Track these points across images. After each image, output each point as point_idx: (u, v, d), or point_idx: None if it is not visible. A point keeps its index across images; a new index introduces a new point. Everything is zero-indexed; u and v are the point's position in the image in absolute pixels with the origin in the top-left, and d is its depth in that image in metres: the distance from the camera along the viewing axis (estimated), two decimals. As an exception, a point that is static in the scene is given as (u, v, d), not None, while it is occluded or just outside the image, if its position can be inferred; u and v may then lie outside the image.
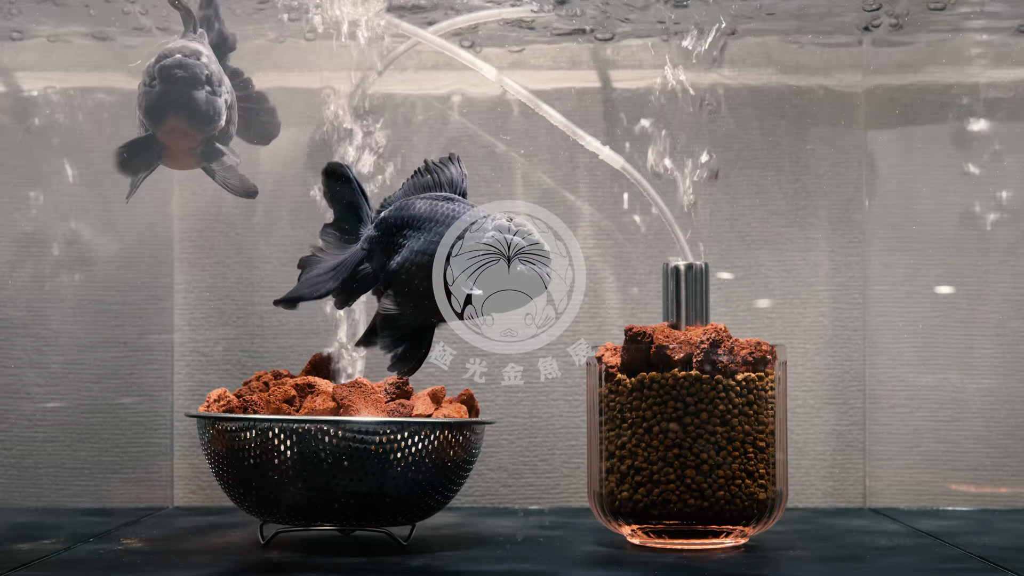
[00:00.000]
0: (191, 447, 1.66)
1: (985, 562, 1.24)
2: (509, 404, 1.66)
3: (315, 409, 1.27)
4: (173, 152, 1.36)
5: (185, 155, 1.37)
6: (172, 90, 1.30)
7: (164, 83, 1.30)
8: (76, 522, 1.50)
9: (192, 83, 1.30)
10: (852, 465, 1.66)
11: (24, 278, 1.63)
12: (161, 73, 1.30)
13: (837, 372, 1.66)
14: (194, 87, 1.30)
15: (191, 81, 1.30)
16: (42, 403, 1.62)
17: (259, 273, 1.67)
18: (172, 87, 1.30)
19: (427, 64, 1.67)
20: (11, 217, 1.63)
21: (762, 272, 1.67)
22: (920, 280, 1.67)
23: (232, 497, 1.31)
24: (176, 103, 1.30)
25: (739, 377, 1.29)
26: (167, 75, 1.30)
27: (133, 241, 1.66)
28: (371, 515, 1.27)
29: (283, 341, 1.66)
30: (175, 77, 1.30)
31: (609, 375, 1.32)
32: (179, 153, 1.37)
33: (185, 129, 1.32)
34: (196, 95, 1.30)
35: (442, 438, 1.27)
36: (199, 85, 1.30)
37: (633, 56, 1.67)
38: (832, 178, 1.67)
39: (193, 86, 1.30)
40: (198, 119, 1.31)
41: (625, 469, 1.30)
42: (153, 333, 1.66)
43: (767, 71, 1.68)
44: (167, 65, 1.30)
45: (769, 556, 1.28)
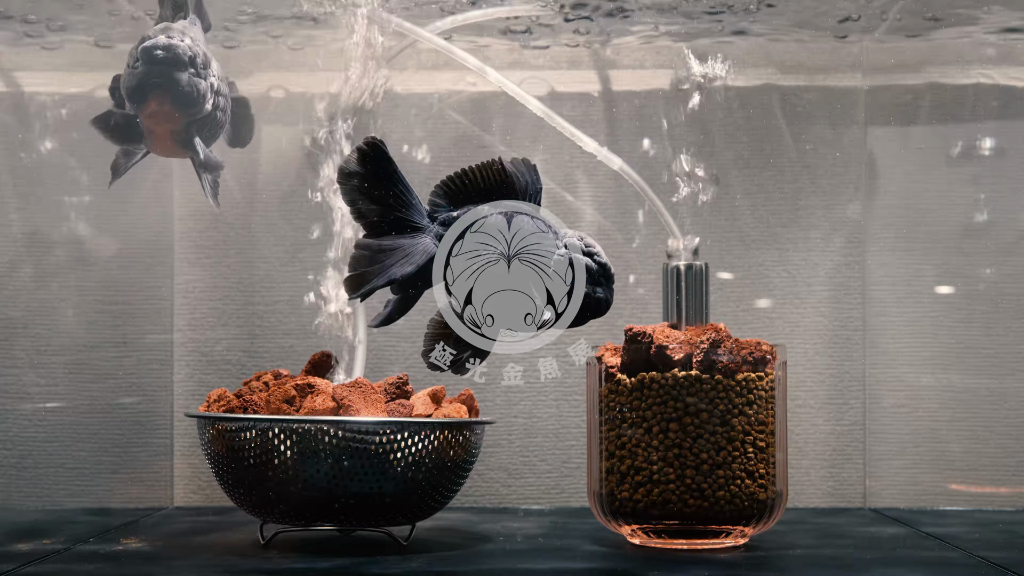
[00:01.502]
0: (191, 447, 1.66)
1: (985, 562, 1.24)
2: (509, 404, 1.66)
3: (315, 409, 1.27)
4: (156, 135, 1.35)
5: (168, 139, 1.35)
6: (154, 71, 1.28)
7: (146, 64, 1.29)
8: (76, 522, 1.50)
9: (174, 64, 1.28)
10: (852, 465, 1.66)
11: (24, 278, 1.63)
12: (144, 54, 1.28)
13: (837, 372, 1.66)
14: (176, 68, 1.28)
15: (173, 62, 1.28)
16: (42, 403, 1.62)
17: (259, 273, 1.67)
18: (154, 67, 1.28)
19: (426, 64, 1.67)
20: (11, 217, 1.64)
21: (762, 272, 1.67)
22: (920, 280, 1.67)
23: (232, 497, 1.31)
24: (157, 84, 1.28)
25: (739, 377, 1.29)
26: (149, 56, 1.28)
27: (133, 241, 1.66)
28: (371, 515, 1.27)
29: (283, 341, 1.66)
30: (157, 58, 1.28)
31: (609, 375, 1.32)
32: (162, 136, 1.35)
33: (168, 112, 1.31)
34: (179, 76, 1.28)
35: (442, 438, 1.27)
36: (182, 66, 1.29)
37: (633, 56, 1.67)
38: (832, 178, 1.67)
39: (175, 67, 1.28)
40: (180, 100, 1.30)
41: (625, 469, 1.30)
42: (153, 333, 1.66)
43: (767, 71, 1.68)
44: (149, 47, 1.29)
45: (769, 556, 1.28)
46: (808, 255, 1.67)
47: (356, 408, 1.27)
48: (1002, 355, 1.65)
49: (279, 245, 1.67)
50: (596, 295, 1.21)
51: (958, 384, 1.65)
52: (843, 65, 1.67)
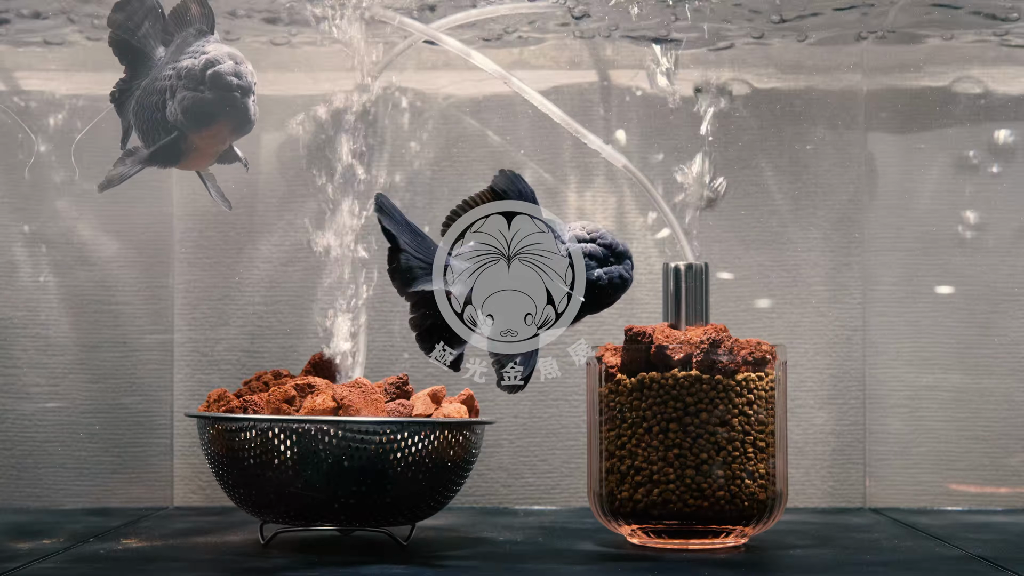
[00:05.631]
0: (191, 447, 1.66)
1: (985, 562, 1.24)
2: (509, 404, 1.66)
3: (315, 409, 1.27)
4: (204, 154, 1.36)
5: (210, 157, 1.37)
6: (227, 98, 1.29)
7: (215, 90, 1.29)
8: (76, 522, 1.50)
9: (245, 92, 1.29)
10: (852, 465, 1.66)
11: (24, 278, 1.63)
12: (214, 80, 1.29)
13: (837, 372, 1.66)
14: (246, 96, 1.30)
15: (244, 90, 1.29)
16: (42, 403, 1.63)
17: (259, 273, 1.67)
18: (227, 95, 1.29)
19: (427, 63, 1.67)
20: (11, 217, 1.64)
21: (762, 272, 1.67)
22: (920, 280, 1.67)
23: (232, 497, 1.31)
24: (228, 112, 1.29)
25: (739, 377, 1.29)
26: (222, 83, 1.28)
27: (133, 241, 1.66)
28: (371, 515, 1.27)
29: (283, 341, 1.66)
30: (231, 85, 1.29)
31: (609, 375, 1.32)
32: (207, 156, 1.36)
33: (226, 135, 1.32)
34: (247, 104, 1.30)
35: (442, 438, 1.27)
36: (249, 94, 1.30)
37: (633, 56, 1.67)
38: (832, 178, 1.67)
39: (245, 95, 1.29)
40: (243, 126, 1.31)
41: (625, 469, 1.30)
42: (153, 333, 1.66)
43: (767, 71, 1.68)
44: (221, 72, 1.29)
45: (769, 556, 1.28)
46: (808, 255, 1.67)
47: (356, 408, 1.27)
48: (1002, 355, 1.65)
49: (279, 245, 1.67)
50: (608, 276, 1.22)
51: (958, 384, 1.65)
52: (843, 66, 1.67)
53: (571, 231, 1.23)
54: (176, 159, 1.35)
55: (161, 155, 1.34)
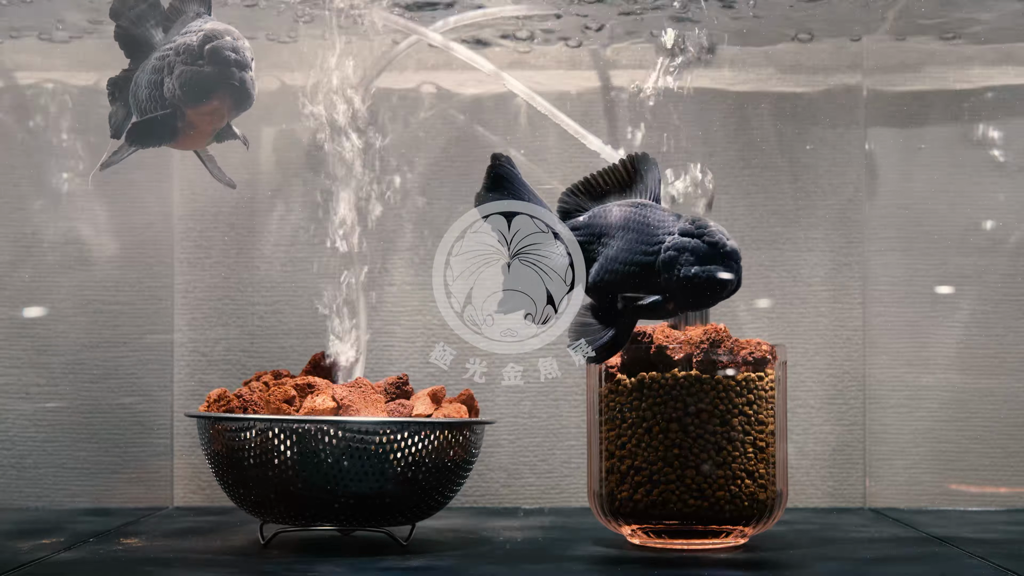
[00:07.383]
0: (191, 447, 1.66)
1: (985, 562, 1.24)
2: (509, 404, 1.66)
3: (315, 409, 1.27)
4: (202, 132, 1.35)
5: (207, 136, 1.36)
6: (225, 72, 1.28)
7: (215, 65, 1.28)
8: (76, 522, 1.50)
9: (242, 66, 1.29)
10: (852, 465, 1.66)
11: (24, 278, 1.63)
12: (212, 55, 1.28)
13: (837, 372, 1.66)
14: (243, 70, 1.29)
15: (241, 64, 1.29)
16: (42, 403, 1.63)
17: (259, 273, 1.67)
18: (225, 69, 1.28)
19: (427, 63, 1.67)
20: (11, 217, 1.64)
21: (762, 272, 1.67)
22: (920, 280, 1.67)
23: (232, 497, 1.31)
24: (227, 86, 1.29)
25: (739, 377, 1.29)
26: (220, 57, 1.28)
27: (133, 241, 1.66)
28: (371, 515, 1.27)
29: (283, 341, 1.66)
30: (229, 60, 1.28)
31: (609, 375, 1.32)
32: (204, 134, 1.35)
33: (224, 111, 1.31)
34: (245, 78, 1.29)
35: (442, 438, 1.27)
36: (247, 68, 1.29)
37: (634, 57, 1.67)
38: (832, 178, 1.67)
39: (243, 69, 1.29)
40: (243, 102, 1.30)
41: (625, 469, 1.30)
42: (153, 333, 1.66)
43: (767, 71, 1.68)
44: (219, 47, 1.29)
45: (769, 556, 1.27)
46: (808, 255, 1.67)
47: (356, 408, 1.27)
48: (1002, 355, 1.65)
49: (279, 245, 1.67)
50: (706, 274, 1.18)
51: (958, 384, 1.65)
52: (843, 65, 1.67)
53: (680, 223, 1.20)
54: (171, 137, 1.34)
55: (156, 133, 1.34)
